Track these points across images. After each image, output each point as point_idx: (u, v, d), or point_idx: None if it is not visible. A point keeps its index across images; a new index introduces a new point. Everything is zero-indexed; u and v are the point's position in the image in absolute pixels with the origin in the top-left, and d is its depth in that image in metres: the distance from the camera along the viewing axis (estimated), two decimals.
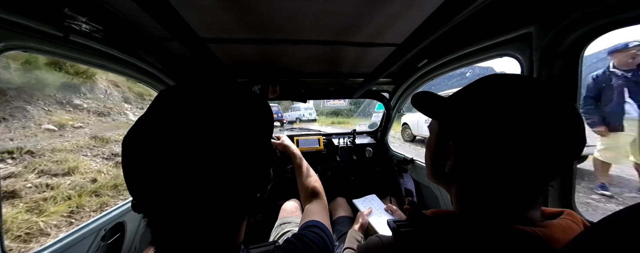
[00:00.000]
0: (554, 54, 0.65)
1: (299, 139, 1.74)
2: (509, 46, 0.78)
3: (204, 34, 0.82)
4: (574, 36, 0.60)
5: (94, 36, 0.67)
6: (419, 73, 1.29)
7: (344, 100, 10.96)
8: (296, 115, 15.35)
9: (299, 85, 1.46)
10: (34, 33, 0.57)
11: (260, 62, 1.17)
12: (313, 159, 1.80)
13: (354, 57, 1.16)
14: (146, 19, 0.76)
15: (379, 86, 1.59)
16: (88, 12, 0.63)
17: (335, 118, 17.77)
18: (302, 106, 15.07)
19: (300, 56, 1.12)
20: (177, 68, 1.15)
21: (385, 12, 0.74)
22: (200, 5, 0.67)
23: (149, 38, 0.87)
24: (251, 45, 0.96)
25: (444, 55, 1.03)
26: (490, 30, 0.80)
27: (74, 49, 0.68)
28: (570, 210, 0.38)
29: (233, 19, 0.75)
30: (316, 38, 0.92)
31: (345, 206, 1.48)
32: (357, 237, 1.11)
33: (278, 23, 0.79)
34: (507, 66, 63.89)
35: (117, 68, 0.87)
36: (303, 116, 15.41)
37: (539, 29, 0.66)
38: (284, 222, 1.23)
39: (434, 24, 0.57)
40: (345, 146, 1.78)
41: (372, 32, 0.89)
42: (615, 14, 0.52)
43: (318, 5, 0.68)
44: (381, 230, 1.16)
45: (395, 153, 1.78)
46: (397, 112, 1.74)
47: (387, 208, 1.32)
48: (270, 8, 0.69)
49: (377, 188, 1.84)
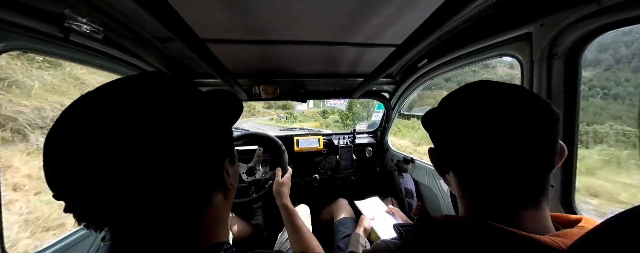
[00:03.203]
0: (554, 54, 0.65)
1: (299, 140, 1.74)
2: (509, 46, 0.78)
3: (204, 34, 0.82)
4: (574, 36, 0.60)
5: (94, 36, 0.67)
6: (419, 73, 1.29)
7: (344, 100, 10.85)
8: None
9: (298, 85, 1.46)
10: (34, 33, 0.57)
11: (260, 62, 1.17)
12: (313, 159, 1.80)
13: (353, 58, 1.16)
14: (146, 19, 0.76)
15: (379, 86, 1.59)
16: (88, 12, 0.63)
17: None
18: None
19: (300, 56, 1.12)
20: (177, 68, 1.15)
21: (385, 13, 0.74)
22: (200, 5, 0.67)
23: (149, 38, 0.87)
24: (251, 45, 0.96)
25: (443, 55, 1.03)
26: (490, 30, 0.80)
27: (74, 49, 0.68)
28: (587, 217, 0.38)
29: (233, 20, 0.75)
30: (316, 38, 0.92)
31: (347, 208, 1.48)
32: (361, 241, 1.11)
33: (278, 23, 0.79)
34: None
35: (117, 68, 0.87)
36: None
37: (539, 29, 0.66)
38: None
39: (434, 24, 0.57)
40: (345, 146, 1.78)
41: (371, 33, 0.88)
42: (615, 14, 0.52)
43: (318, 5, 0.68)
44: (383, 233, 1.16)
45: (395, 153, 1.78)
46: (397, 112, 1.75)
47: (388, 209, 1.32)
48: (270, 8, 0.69)
49: (377, 188, 1.84)
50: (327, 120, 19.08)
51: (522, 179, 0.35)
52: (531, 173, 0.34)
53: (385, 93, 1.66)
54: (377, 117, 2.01)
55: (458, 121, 0.38)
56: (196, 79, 1.30)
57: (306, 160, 1.77)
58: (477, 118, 0.36)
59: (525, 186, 0.35)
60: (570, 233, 0.33)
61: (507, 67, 12.50)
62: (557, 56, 0.64)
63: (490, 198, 0.37)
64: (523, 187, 0.35)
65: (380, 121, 1.91)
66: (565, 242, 0.31)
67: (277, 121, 25.01)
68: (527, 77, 0.72)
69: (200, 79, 1.30)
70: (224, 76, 0.92)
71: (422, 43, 0.68)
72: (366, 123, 2.19)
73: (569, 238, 0.32)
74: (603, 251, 0.25)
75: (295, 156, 1.69)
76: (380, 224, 1.22)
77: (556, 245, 0.30)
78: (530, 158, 0.34)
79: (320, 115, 22.65)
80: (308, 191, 1.77)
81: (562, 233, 0.33)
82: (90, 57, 0.75)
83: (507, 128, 0.33)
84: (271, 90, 1.40)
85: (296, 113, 25.45)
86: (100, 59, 0.78)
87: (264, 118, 34.32)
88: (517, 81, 0.76)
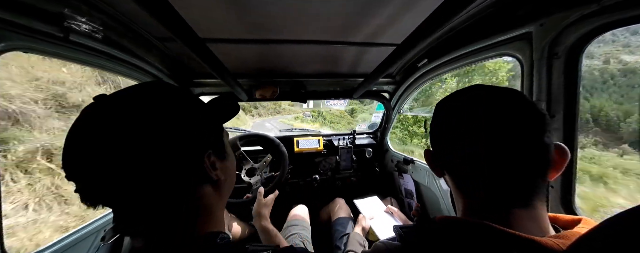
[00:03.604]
0: (554, 54, 0.65)
1: (299, 140, 1.74)
2: (509, 46, 0.78)
3: (204, 34, 0.82)
4: (574, 36, 0.60)
5: (94, 36, 0.67)
6: (419, 73, 1.29)
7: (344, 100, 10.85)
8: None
9: (298, 85, 1.46)
10: (34, 33, 0.57)
11: (259, 62, 1.17)
12: (313, 159, 1.80)
13: (353, 58, 1.16)
14: (146, 19, 0.76)
15: (379, 86, 1.59)
16: (88, 12, 0.63)
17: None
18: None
19: (300, 56, 1.12)
20: (177, 68, 1.15)
21: (385, 13, 0.74)
22: (200, 5, 0.67)
23: (149, 38, 0.87)
24: (251, 45, 0.96)
25: (444, 55, 1.03)
26: (490, 30, 0.80)
27: (74, 49, 0.68)
28: (587, 218, 0.38)
29: (233, 19, 0.75)
30: (316, 38, 0.92)
31: (344, 207, 1.48)
32: (360, 241, 1.11)
33: (278, 23, 0.79)
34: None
35: (117, 68, 0.87)
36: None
37: (539, 28, 0.66)
38: (290, 225, 1.23)
39: (434, 24, 0.57)
40: (345, 146, 1.78)
41: (371, 33, 0.89)
42: (615, 14, 0.52)
43: (318, 5, 0.68)
44: (382, 233, 1.16)
45: (395, 154, 1.78)
46: (397, 112, 1.75)
47: (387, 209, 1.32)
48: (270, 8, 0.70)
49: (377, 189, 1.84)
50: (357, 119, 18.65)
51: (511, 179, 0.35)
52: (519, 173, 0.35)
53: (385, 93, 1.66)
54: (377, 118, 2.01)
55: (450, 124, 0.40)
56: (196, 79, 1.30)
57: (306, 161, 1.77)
58: (466, 120, 0.37)
59: (516, 186, 0.35)
60: (570, 235, 0.33)
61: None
62: (557, 56, 0.64)
63: (483, 198, 0.38)
64: (513, 188, 0.35)
65: (380, 121, 1.91)
66: (566, 243, 0.31)
67: (303, 120, 23.49)
68: (527, 77, 0.72)
69: (200, 79, 1.30)
70: (224, 76, 0.92)
71: (422, 43, 0.68)
72: (366, 124, 2.19)
73: (569, 239, 0.32)
74: (603, 251, 0.25)
75: (295, 156, 1.69)
76: (378, 224, 1.22)
77: (557, 247, 0.30)
78: (516, 158, 0.34)
79: (348, 113, 22.04)
80: (308, 192, 1.77)
81: (562, 235, 0.33)
82: (90, 57, 0.75)
83: (492, 129, 0.34)
84: (271, 90, 1.40)
85: (324, 111, 23.69)
86: (100, 58, 0.78)
87: (288, 116, 31.87)
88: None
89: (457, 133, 0.38)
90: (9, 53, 0.55)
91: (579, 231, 0.34)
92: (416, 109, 2.97)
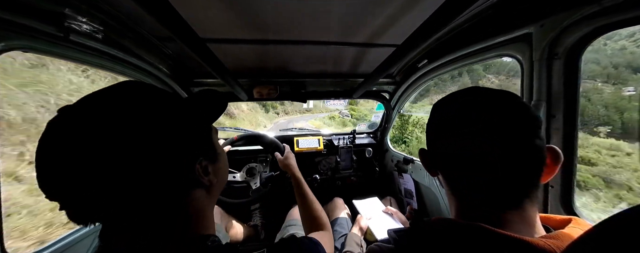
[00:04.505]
0: (554, 55, 0.65)
1: (299, 140, 1.74)
2: (509, 46, 0.78)
3: (203, 34, 0.82)
4: (574, 36, 0.60)
5: (94, 36, 0.67)
6: (419, 73, 1.29)
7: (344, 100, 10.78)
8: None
9: (298, 85, 1.46)
10: (34, 33, 0.57)
11: (259, 62, 1.17)
12: (313, 159, 1.80)
13: (353, 58, 1.16)
14: (146, 19, 0.76)
15: (379, 86, 1.59)
16: (88, 12, 0.63)
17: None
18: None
19: (300, 56, 1.12)
20: (177, 68, 1.15)
21: (385, 13, 0.74)
22: (200, 5, 0.67)
23: (149, 38, 0.87)
24: (251, 45, 0.96)
25: (444, 55, 1.03)
26: (490, 31, 0.80)
27: (74, 49, 0.68)
28: (577, 217, 0.38)
29: (233, 19, 0.75)
30: (316, 38, 0.92)
31: (343, 208, 1.48)
32: (358, 240, 1.11)
33: (278, 23, 0.79)
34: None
35: (117, 68, 0.87)
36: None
37: (539, 29, 0.66)
38: (289, 225, 1.24)
39: (434, 25, 0.57)
40: (345, 146, 1.78)
41: (372, 33, 0.88)
42: (615, 14, 0.52)
43: (318, 5, 0.68)
44: (380, 233, 1.16)
45: (395, 153, 1.78)
46: (397, 112, 1.75)
47: (386, 209, 1.32)
48: (270, 8, 0.69)
49: (377, 188, 1.84)
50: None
51: (503, 181, 0.35)
52: (511, 175, 0.35)
53: (385, 94, 1.66)
54: (377, 118, 2.01)
55: (444, 125, 0.40)
56: (196, 79, 1.30)
57: (306, 161, 1.77)
58: (459, 122, 0.37)
59: (507, 188, 0.35)
60: (562, 235, 0.33)
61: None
62: (557, 56, 0.64)
63: (475, 199, 0.38)
64: (505, 189, 0.35)
65: (380, 121, 1.91)
66: (558, 243, 0.31)
67: (341, 122, 21.30)
68: (527, 77, 0.72)
69: (200, 79, 1.30)
70: (224, 76, 0.92)
71: (422, 43, 0.68)
72: (366, 124, 2.19)
73: (561, 239, 0.32)
74: (601, 251, 0.25)
75: (295, 156, 1.69)
76: (377, 224, 1.22)
77: (549, 248, 0.30)
78: (508, 160, 0.34)
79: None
80: None
81: (552, 235, 0.34)
82: (91, 57, 0.75)
83: (485, 131, 0.35)
84: (271, 90, 1.40)
85: (363, 109, 21.93)
86: (100, 58, 0.78)
87: (321, 115, 29.86)
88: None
89: (451, 134, 0.38)
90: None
91: (570, 231, 0.34)
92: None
